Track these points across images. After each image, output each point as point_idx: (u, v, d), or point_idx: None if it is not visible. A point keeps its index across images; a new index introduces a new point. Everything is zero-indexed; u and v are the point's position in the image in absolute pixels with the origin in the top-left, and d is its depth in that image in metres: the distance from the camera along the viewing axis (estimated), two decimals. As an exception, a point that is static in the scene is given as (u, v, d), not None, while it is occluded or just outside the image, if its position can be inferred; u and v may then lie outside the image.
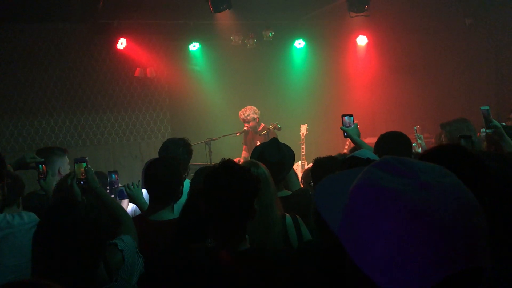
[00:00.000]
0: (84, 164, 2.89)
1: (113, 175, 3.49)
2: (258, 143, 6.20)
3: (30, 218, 2.62)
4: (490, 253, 0.78)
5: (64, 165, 3.79)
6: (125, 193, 3.20)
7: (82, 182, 2.84)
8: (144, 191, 3.21)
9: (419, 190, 0.78)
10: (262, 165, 2.58)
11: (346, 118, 3.41)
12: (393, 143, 3.04)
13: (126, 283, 2.08)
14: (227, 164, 1.98)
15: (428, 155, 1.64)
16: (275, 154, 3.03)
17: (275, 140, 3.18)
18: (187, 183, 3.26)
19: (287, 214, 2.56)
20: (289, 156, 3.13)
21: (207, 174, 1.96)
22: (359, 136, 3.35)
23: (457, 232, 0.75)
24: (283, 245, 2.45)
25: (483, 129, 4.31)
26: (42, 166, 3.28)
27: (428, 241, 0.74)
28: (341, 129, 3.40)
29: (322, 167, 3.10)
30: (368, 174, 0.85)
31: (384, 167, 0.84)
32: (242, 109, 6.53)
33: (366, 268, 0.79)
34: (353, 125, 3.38)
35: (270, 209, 2.44)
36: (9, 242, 2.41)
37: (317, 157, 3.26)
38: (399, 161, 0.84)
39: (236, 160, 5.77)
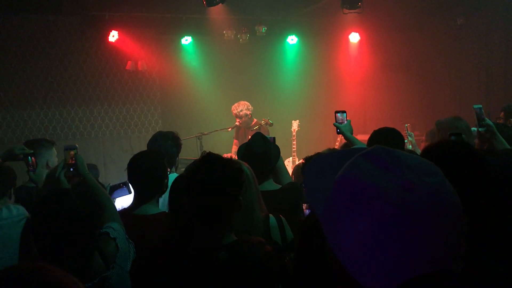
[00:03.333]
0: (75, 151, 2.86)
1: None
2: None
3: (18, 211, 2.59)
4: (463, 256, 0.78)
5: (52, 158, 3.75)
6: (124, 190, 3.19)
7: (72, 169, 2.81)
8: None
9: (401, 190, 0.77)
10: (244, 164, 2.52)
11: (339, 115, 3.42)
12: (386, 139, 3.05)
13: (122, 269, 2.08)
14: (208, 158, 1.97)
15: (433, 149, 1.66)
16: (261, 145, 3.06)
17: (259, 133, 3.22)
18: (174, 176, 3.24)
19: (271, 215, 2.52)
20: (274, 147, 3.16)
21: (189, 169, 1.96)
22: (351, 133, 3.36)
23: (432, 237, 0.75)
24: None
25: (473, 128, 4.34)
26: (31, 158, 3.24)
27: (401, 243, 0.75)
28: (334, 125, 3.41)
29: None
30: (354, 165, 0.85)
31: (372, 158, 0.84)
32: (235, 104, 6.51)
33: (340, 256, 0.81)
34: (346, 122, 3.39)
35: (251, 210, 2.37)
36: None
37: (307, 156, 3.29)
38: (388, 154, 0.84)
39: (228, 155, 5.77)
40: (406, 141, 4.80)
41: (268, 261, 1.88)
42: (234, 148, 6.72)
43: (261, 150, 3.02)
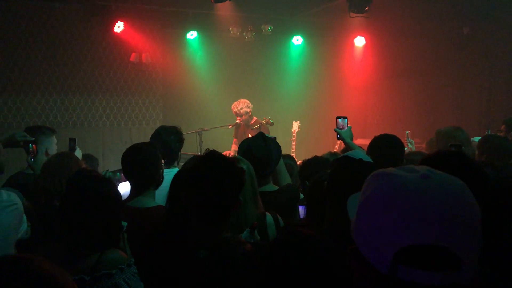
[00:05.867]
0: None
1: (118, 174, 3.30)
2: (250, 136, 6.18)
3: (9, 197, 2.57)
4: (469, 245, 0.84)
5: (51, 145, 3.72)
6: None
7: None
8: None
9: (419, 178, 0.88)
10: (245, 161, 2.52)
11: (340, 120, 3.42)
12: (386, 145, 3.04)
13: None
14: (211, 156, 1.96)
15: (430, 159, 1.65)
16: (262, 148, 2.97)
17: (261, 134, 3.13)
18: (175, 171, 3.23)
19: (267, 213, 2.51)
20: (275, 150, 3.06)
21: (191, 165, 1.95)
22: (351, 139, 3.35)
23: (434, 211, 0.82)
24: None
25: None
26: (32, 145, 3.26)
27: (404, 210, 0.84)
28: (335, 130, 3.40)
29: (311, 165, 3.13)
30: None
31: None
32: (235, 102, 6.51)
33: (356, 236, 0.93)
34: (346, 128, 3.38)
35: (244, 206, 2.30)
36: None
37: (305, 159, 3.29)
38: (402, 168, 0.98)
39: (226, 153, 5.76)
40: (406, 148, 4.79)
41: (247, 261, 1.86)
42: (234, 147, 6.70)
43: (261, 154, 2.93)
